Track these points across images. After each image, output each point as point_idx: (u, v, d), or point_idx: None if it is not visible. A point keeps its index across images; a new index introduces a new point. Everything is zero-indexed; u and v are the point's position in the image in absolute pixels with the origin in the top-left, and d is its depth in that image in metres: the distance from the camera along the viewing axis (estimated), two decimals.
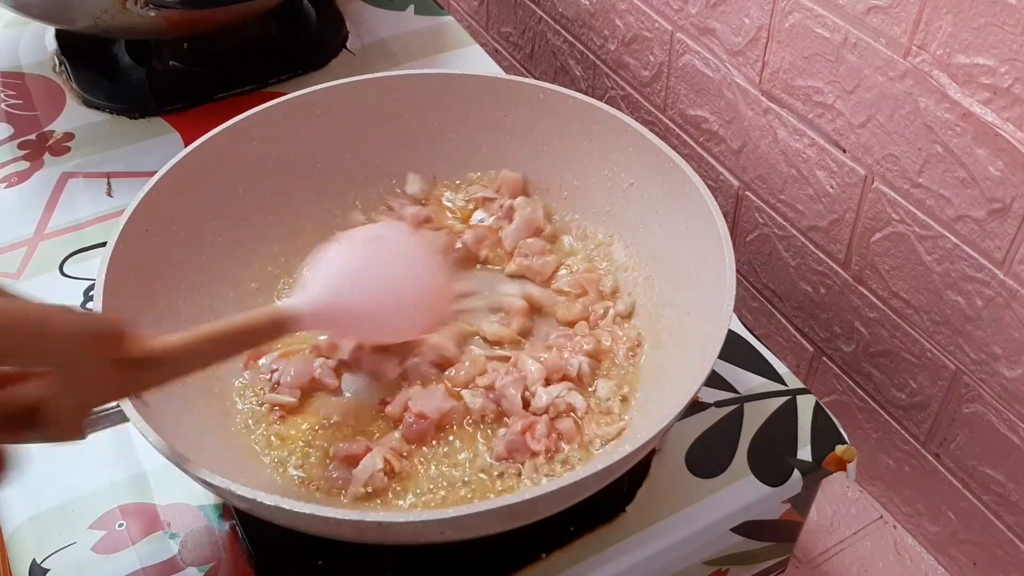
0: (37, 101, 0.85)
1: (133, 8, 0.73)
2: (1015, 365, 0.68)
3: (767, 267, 0.89)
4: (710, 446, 0.60)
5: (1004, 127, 0.61)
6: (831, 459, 0.60)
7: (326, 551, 0.54)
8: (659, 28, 0.89)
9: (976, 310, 0.69)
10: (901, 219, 0.72)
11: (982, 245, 0.67)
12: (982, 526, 0.78)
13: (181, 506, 0.57)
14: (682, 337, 0.58)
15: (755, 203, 0.87)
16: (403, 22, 0.94)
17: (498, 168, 0.69)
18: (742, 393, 0.63)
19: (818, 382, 0.90)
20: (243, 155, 0.63)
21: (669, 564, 0.58)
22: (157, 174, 0.59)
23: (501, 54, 1.24)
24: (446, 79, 0.67)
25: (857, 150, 0.73)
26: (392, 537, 0.46)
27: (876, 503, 0.89)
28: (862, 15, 0.67)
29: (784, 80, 0.77)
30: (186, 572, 0.54)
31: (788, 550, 0.67)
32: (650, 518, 0.57)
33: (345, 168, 0.68)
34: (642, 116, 0.97)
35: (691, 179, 0.58)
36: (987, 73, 0.61)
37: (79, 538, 0.56)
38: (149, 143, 0.81)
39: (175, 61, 0.84)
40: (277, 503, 0.44)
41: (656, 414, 0.56)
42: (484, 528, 0.47)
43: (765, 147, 0.82)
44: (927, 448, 0.80)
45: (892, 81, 0.67)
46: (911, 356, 0.77)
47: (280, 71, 0.87)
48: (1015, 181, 0.62)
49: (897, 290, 0.76)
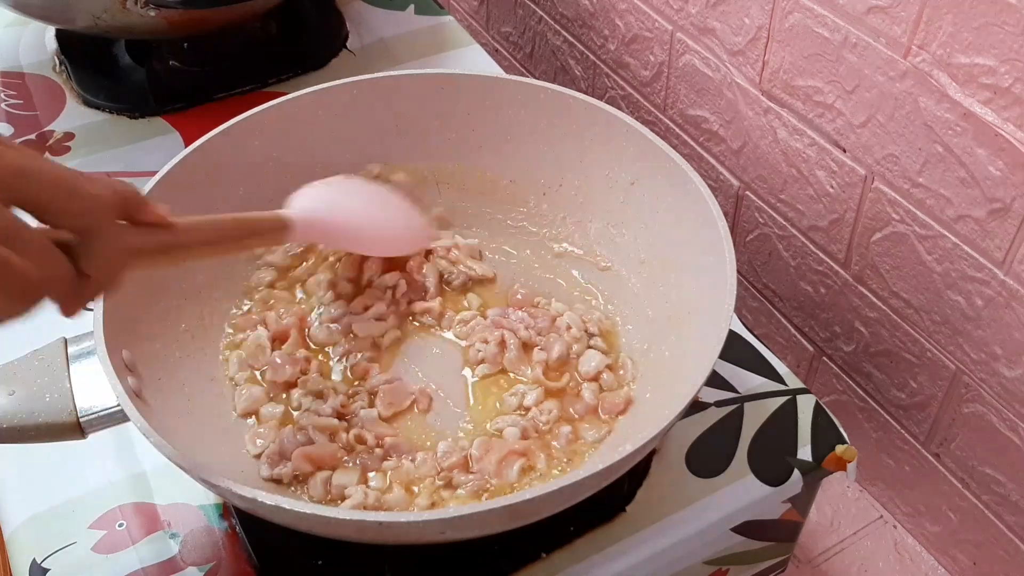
0: (37, 101, 0.85)
1: (133, 8, 0.73)
2: (1015, 365, 0.68)
3: (767, 267, 0.89)
4: (710, 446, 0.60)
5: (1004, 127, 0.61)
6: (831, 459, 0.60)
7: (326, 551, 0.54)
8: (659, 28, 0.89)
9: (976, 310, 0.69)
10: (901, 219, 0.72)
11: (982, 245, 0.67)
12: (982, 526, 0.78)
13: (181, 506, 0.57)
14: (683, 337, 0.58)
15: (755, 203, 0.87)
16: (403, 22, 0.94)
17: (498, 168, 0.69)
18: (742, 393, 0.63)
19: (818, 382, 0.90)
20: (243, 155, 0.63)
21: (669, 564, 0.58)
22: (157, 174, 0.59)
23: (501, 54, 1.24)
24: (446, 79, 0.67)
25: (857, 150, 0.73)
26: (392, 537, 0.46)
27: (876, 503, 0.89)
28: (862, 15, 0.67)
29: (784, 80, 0.77)
30: (186, 572, 0.54)
31: (788, 550, 0.67)
32: (650, 518, 0.57)
33: (345, 168, 0.68)
34: (642, 116, 0.97)
35: (692, 179, 0.58)
36: (987, 73, 0.61)
37: (79, 538, 0.56)
38: (149, 143, 0.81)
39: (175, 61, 0.84)
40: (277, 503, 0.43)
41: (656, 414, 0.56)
42: (484, 528, 0.47)
43: (765, 147, 0.82)
44: (927, 448, 0.80)
45: (892, 81, 0.67)
46: (911, 356, 0.77)
47: (280, 71, 0.87)
48: (1015, 181, 0.62)
49: (897, 290, 0.76)
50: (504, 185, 0.69)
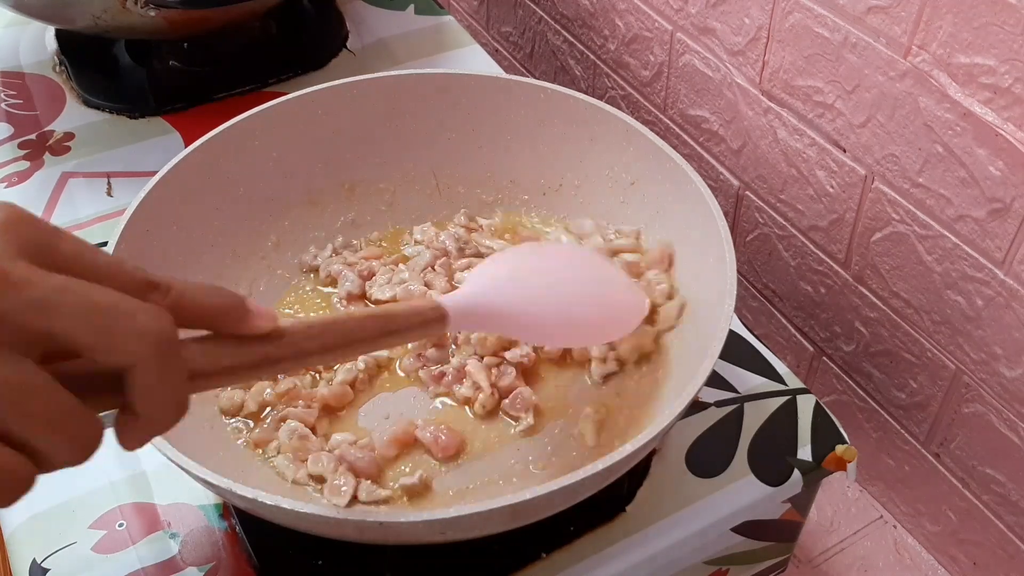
0: (37, 101, 0.85)
1: (133, 8, 0.73)
2: (1015, 365, 0.68)
3: (767, 267, 0.89)
4: (710, 446, 0.60)
5: (1004, 127, 0.61)
6: (831, 459, 0.60)
7: (326, 551, 0.54)
8: (659, 28, 0.89)
9: (976, 310, 0.69)
10: (901, 219, 0.72)
11: (982, 245, 0.67)
12: (982, 526, 0.78)
13: (181, 506, 0.57)
14: (683, 337, 0.58)
15: (755, 203, 0.87)
16: (403, 22, 0.94)
17: (498, 168, 0.69)
18: (742, 393, 0.63)
19: (818, 382, 0.90)
20: (243, 155, 0.63)
21: (669, 564, 0.58)
22: (157, 174, 0.59)
23: (501, 54, 1.24)
24: (446, 79, 0.67)
25: (857, 150, 0.73)
26: (393, 537, 0.46)
27: (876, 503, 0.89)
28: (862, 15, 0.67)
29: (784, 80, 0.77)
30: (186, 572, 0.54)
31: (788, 550, 0.67)
32: (650, 518, 0.57)
33: (345, 168, 0.68)
34: (642, 116, 0.97)
35: (692, 179, 0.58)
36: (987, 73, 0.61)
37: (79, 538, 0.56)
38: (149, 143, 0.81)
39: (175, 61, 0.84)
40: (277, 503, 0.43)
41: (656, 414, 0.56)
42: (485, 528, 0.47)
43: (765, 147, 0.82)
44: (927, 448, 0.80)
45: (892, 81, 0.67)
46: (911, 356, 0.77)
47: (280, 71, 0.87)
48: (1015, 181, 0.62)
49: (897, 290, 0.76)
50: (504, 185, 0.69)
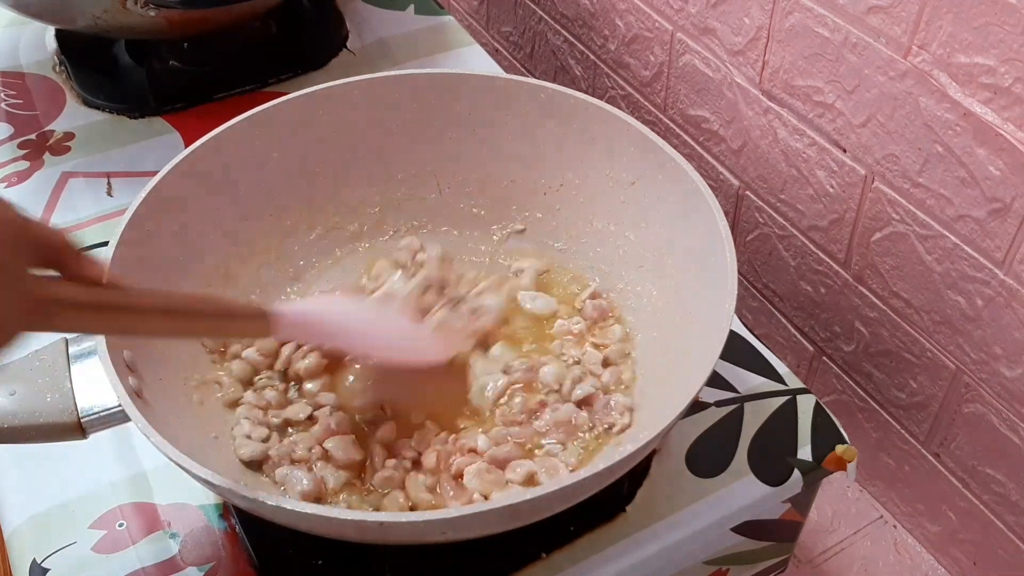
0: (37, 101, 0.85)
1: (133, 8, 0.73)
2: (1015, 365, 0.68)
3: (767, 267, 0.89)
4: (710, 446, 0.60)
5: (1004, 127, 0.61)
6: (831, 459, 0.60)
7: (326, 551, 0.54)
8: (659, 28, 0.89)
9: (976, 310, 0.69)
10: (901, 219, 0.72)
11: (982, 245, 0.67)
12: (982, 526, 0.78)
13: (181, 506, 0.57)
14: (683, 337, 0.58)
15: (755, 203, 0.87)
16: (403, 22, 0.94)
17: (498, 168, 0.69)
18: (742, 393, 0.63)
19: (818, 382, 0.90)
20: (243, 155, 0.63)
21: (669, 564, 0.58)
22: (157, 174, 0.59)
23: (501, 54, 1.24)
24: (447, 79, 0.67)
25: (857, 150, 0.73)
26: (393, 537, 0.46)
27: (876, 503, 0.89)
28: (862, 15, 0.67)
29: (784, 80, 0.77)
30: (186, 572, 0.54)
31: (788, 550, 0.67)
32: (650, 518, 0.57)
33: (345, 168, 0.68)
34: (642, 116, 0.97)
35: (692, 178, 0.58)
36: (987, 73, 0.61)
37: (79, 538, 0.56)
38: (149, 143, 0.81)
39: (175, 61, 0.84)
40: (277, 503, 0.43)
41: (657, 414, 0.56)
42: (485, 528, 0.47)
43: (765, 147, 0.82)
44: (927, 448, 0.80)
45: (892, 81, 0.67)
46: (911, 356, 0.77)
47: (280, 71, 0.87)
48: (1015, 181, 0.62)
49: (897, 290, 0.76)
50: (504, 185, 0.69)
